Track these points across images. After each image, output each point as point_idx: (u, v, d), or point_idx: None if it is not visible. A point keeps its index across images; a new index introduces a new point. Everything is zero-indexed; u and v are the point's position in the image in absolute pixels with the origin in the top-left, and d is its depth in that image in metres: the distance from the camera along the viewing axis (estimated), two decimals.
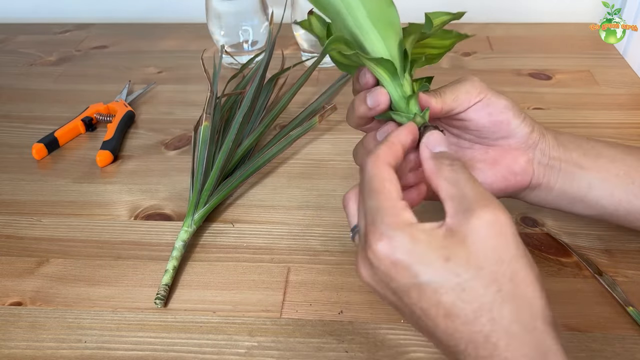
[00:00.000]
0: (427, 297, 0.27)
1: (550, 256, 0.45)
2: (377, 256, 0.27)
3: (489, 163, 0.39)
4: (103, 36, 0.87)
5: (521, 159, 0.39)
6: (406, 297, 0.27)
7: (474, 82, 0.38)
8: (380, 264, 0.27)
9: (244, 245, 0.48)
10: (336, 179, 0.55)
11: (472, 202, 0.27)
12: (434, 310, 0.27)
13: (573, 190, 0.39)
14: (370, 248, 0.28)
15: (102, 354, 0.39)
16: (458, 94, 0.37)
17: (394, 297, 0.28)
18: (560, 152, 0.39)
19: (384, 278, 0.28)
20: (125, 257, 0.47)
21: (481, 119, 0.38)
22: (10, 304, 0.43)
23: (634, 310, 0.39)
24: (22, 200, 0.54)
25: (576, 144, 0.40)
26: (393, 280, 0.27)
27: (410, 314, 0.28)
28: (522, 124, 0.38)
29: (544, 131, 0.40)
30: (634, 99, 0.65)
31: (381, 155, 0.30)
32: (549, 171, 0.39)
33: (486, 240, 0.26)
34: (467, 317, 0.26)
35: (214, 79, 0.60)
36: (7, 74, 0.78)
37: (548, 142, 0.39)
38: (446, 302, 0.26)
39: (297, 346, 0.39)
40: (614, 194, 0.38)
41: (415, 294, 0.27)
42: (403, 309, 0.29)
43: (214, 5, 0.71)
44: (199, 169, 0.51)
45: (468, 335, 0.26)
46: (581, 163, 0.39)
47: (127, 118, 0.64)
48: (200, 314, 0.42)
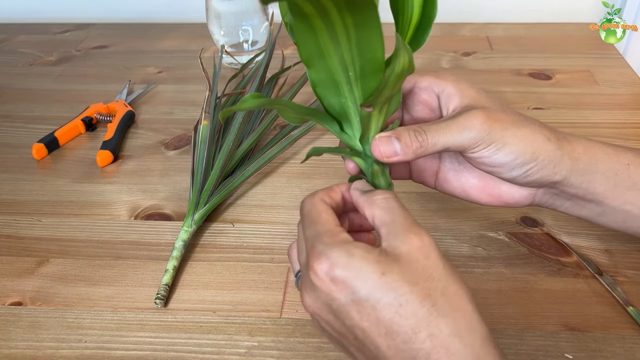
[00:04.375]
0: (366, 314, 0.27)
1: (550, 256, 0.45)
2: (318, 276, 0.28)
3: (480, 185, 0.37)
4: (103, 36, 0.87)
5: (518, 193, 0.36)
6: (347, 319, 0.27)
7: (479, 130, 0.32)
8: (322, 285, 0.28)
9: (244, 245, 0.48)
10: (336, 179, 0.55)
11: (403, 228, 0.28)
12: (374, 330, 0.27)
13: (581, 214, 0.37)
14: (311, 270, 0.28)
15: (102, 354, 0.39)
16: (451, 144, 0.33)
17: (337, 323, 0.28)
18: (579, 190, 0.35)
19: (325, 299, 0.28)
20: (125, 257, 0.47)
21: (474, 163, 0.35)
22: (10, 304, 0.43)
23: (634, 310, 0.39)
24: (22, 200, 0.54)
25: (612, 172, 0.34)
26: (334, 300, 0.27)
27: (354, 341, 0.28)
28: (525, 174, 0.34)
29: (569, 166, 0.34)
30: (634, 99, 0.65)
31: (317, 194, 0.32)
32: (555, 201, 0.37)
33: (417, 261, 0.27)
34: (407, 334, 0.26)
35: (214, 79, 0.60)
36: (7, 74, 0.78)
37: (567, 181, 0.34)
38: (385, 318, 0.26)
39: (297, 346, 0.39)
40: (626, 221, 0.36)
41: (355, 312, 0.27)
42: (346, 335, 0.28)
43: (214, 5, 0.71)
44: (199, 168, 0.51)
45: (410, 355, 0.26)
46: (603, 196, 0.35)
47: (127, 118, 0.64)
48: (200, 314, 0.42)
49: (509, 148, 0.33)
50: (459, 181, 0.38)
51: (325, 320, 0.29)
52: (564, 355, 0.37)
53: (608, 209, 0.36)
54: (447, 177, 0.38)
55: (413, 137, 0.32)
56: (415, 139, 0.32)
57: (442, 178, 0.38)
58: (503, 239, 0.47)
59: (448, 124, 0.33)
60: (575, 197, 0.36)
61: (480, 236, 0.47)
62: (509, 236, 0.47)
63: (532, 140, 0.33)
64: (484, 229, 0.47)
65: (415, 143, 0.32)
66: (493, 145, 0.33)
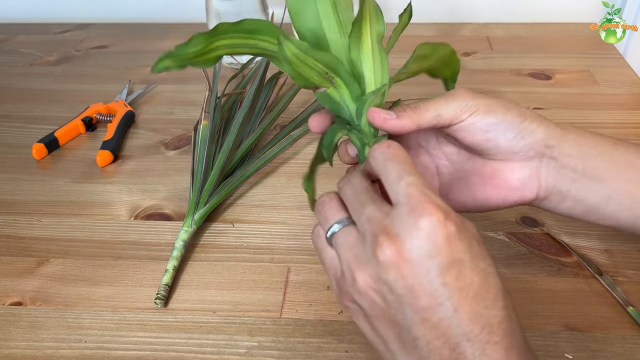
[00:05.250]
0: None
1: (550, 256, 0.45)
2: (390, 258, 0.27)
3: (485, 177, 0.37)
4: (103, 36, 0.87)
5: (521, 173, 0.36)
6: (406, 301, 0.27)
7: (463, 97, 0.35)
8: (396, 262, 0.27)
9: (244, 245, 0.48)
10: (336, 179, 0.54)
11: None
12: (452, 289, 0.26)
13: (589, 201, 0.36)
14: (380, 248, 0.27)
15: (102, 354, 0.39)
16: (441, 111, 0.34)
17: (392, 296, 0.27)
18: (577, 161, 0.35)
19: (387, 278, 0.27)
20: (125, 257, 0.47)
21: (468, 136, 0.35)
22: (10, 304, 0.43)
23: (634, 310, 0.40)
24: (22, 200, 0.54)
25: (602, 149, 0.35)
26: (404, 278, 0.27)
27: (403, 318, 0.27)
28: (518, 136, 0.35)
29: (560, 136, 0.35)
30: (634, 99, 0.65)
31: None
32: (560, 182, 0.36)
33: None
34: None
35: (214, 79, 0.60)
36: (7, 74, 0.78)
37: (562, 150, 0.35)
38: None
39: (297, 346, 0.39)
40: (632, 207, 0.35)
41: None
42: (396, 314, 0.27)
43: (214, 5, 0.71)
44: (199, 168, 0.51)
45: (487, 319, 0.26)
46: (603, 174, 0.35)
47: (127, 118, 0.64)
48: (200, 314, 0.42)
49: (495, 109, 0.35)
50: (463, 189, 0.38)
51: (377, 297, 0.28)
52: (564, 355, 0.37)
53: (613, 192, 0.35)
54: (452, 189, 0.38)
55: (407, 107, 0.35)
56: (408, 107, 0.35)
57: (445, 195, 0.38)
58: (503, 239, 0.47)
59: (437, 98, 0.35)
60: (577, 175, 0.35)
61: (480, 236, 0.47)
62: (509, 236, 0.47)
63: (515, 106, 0.35)
64: (483, 229, 0.47)
65: (409, 110, 0.34)
66: (480, 110, 0.34)
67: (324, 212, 0.31)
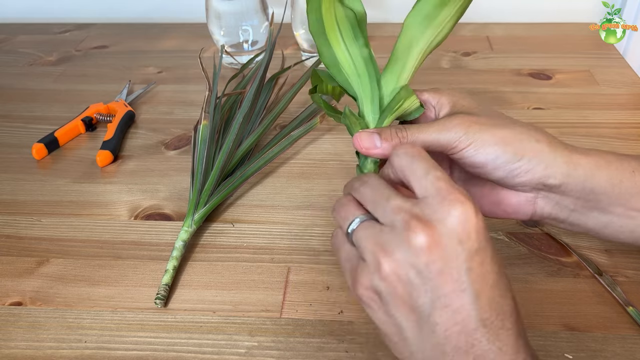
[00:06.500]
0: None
1: (550, 256, 0.45)
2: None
3: (484, 193, 0.38)
4: (103, 36, 0.87)
5: (517, 198, 0.36)
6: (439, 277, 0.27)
7: (457, 130, 0.34)
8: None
9: (244, 245, 0.48)
10: (336, 179, 0.55)
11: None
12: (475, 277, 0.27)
13: (587, 226, 0.36)
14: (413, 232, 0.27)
15: (102, 354, 0.39)
16: (431, 143, 0.34)
17: (418, 280, 0.27)
18: (579, 201, 0.35)
19: (417, 263, 0.27)
20: (125, 257, 0.47)
21: (460, 162, 0.35)
22: (10, 304, 0.43)
23: (634, 310, 0.40)
24: (22, 200, 0.54)
25: (615, 180, 0.34)
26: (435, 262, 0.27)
27: (424, 303, 0.27)
28: (510, 175, 0.34)
29: (564, 173, 0.34)
30: (634, 99, 0.65)
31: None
32: (556, 212, 0.36)
33: None
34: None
35: (214, 79, 0.60)
36: (7, 74, 0.78)
37: (563, 187, 0.34)
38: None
39: (297, 346, 0.39)
40: (634, 231, 0.35)
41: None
42: (418, 296, 0.27)
43: (214, 5, 0.71)
44: (199, 168, 0.51)
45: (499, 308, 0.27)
46: (606, 207, 0.34)
47: (127, 118, 0.64)
48: (200, 314, 0.42)
49: (488, 148, 0.34)
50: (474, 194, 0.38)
51: (405, 277, 0.28)
52: (564, 355, 0.37)
53: (614, 218, 0.35)
54: None
55: (394, 134, 0.34)
56: (395, 135, 0.34)
57: None
58: (503, 239, 0.47)
59: (429, 124, 0.35)
60: (577, 205, 0.35)
61: None
62: (509, 236, 0.47)
63: (514, 141, 0.34)
64: None
65: (395, 139, 0.34)
66: (472, 146, 0.34)
67: (343, 212, 0.32)
